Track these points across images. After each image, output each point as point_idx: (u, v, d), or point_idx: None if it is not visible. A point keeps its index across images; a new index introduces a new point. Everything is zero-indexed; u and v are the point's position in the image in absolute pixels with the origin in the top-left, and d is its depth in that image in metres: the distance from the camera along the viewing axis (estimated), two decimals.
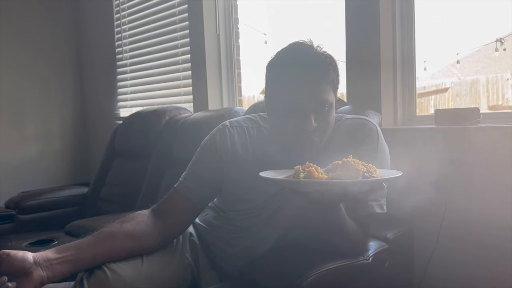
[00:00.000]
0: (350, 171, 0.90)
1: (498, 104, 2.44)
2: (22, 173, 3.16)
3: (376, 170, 0.94)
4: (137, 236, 1.13)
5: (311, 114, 1.09)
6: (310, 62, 1.11)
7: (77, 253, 1.07)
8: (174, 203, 1.21)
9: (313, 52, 1.13)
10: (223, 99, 2.49)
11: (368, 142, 1.16)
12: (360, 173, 0.89)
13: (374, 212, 1.13)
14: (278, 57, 1.16)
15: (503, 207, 1.40)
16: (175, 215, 1.20)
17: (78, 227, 1.85)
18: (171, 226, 1.19)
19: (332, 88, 1.13)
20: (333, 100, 1.14)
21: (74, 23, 3.47)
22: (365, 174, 0.90)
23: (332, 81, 1.13)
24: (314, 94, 1.10)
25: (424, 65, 1.96)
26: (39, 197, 2.43)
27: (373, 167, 0.94)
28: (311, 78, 1.10)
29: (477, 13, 1.82)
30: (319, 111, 1.11)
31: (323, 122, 1.12)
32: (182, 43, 2.64)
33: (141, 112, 2.57)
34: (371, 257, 1.18)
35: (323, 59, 1.12)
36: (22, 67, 3.24)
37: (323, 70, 1.11)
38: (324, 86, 1.11)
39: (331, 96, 1.13)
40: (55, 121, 3.43)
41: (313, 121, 1.09)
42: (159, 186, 2.14)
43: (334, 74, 1.13)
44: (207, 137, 1.30)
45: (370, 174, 0.90)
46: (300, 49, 1.15)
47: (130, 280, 1.07)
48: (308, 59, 1.12)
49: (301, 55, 1.13)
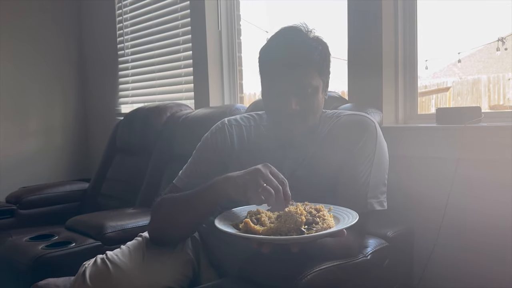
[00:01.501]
0: (289, 223, 0.89)
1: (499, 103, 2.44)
2: (23, 168, 3.17)
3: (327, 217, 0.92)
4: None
5: (292, 97, 1.11)
6: (294, 46, 1.13)
7: None
8: None
9: (299, 36, 1.14)
10: (224, 96, 2.49)
11: (367, 138, 1.16)
12: (301, 224, 0.88)
13: (373, 210, 1.14)
14: (267, 42, 1.19)
15: (503, 206, 1.40)
16: None
17: (79, 222, 1.85)
18: None
19: (318, 72, 1.14)
20: (319, 84, 1.15)
21: (76, 19, 3.47)
22: (304, 227, 0.87)
23: (317, 65, 1.13)
24: (295, 77, 1.11)
25: (425, 64, 1.96)
26: (39, 192, 2.43)
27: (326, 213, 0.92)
28: (293, 62, 1.12)
29: (479, 13, 1.82)
30: (301, 94, 1.12)
31: (306, 105, 1.13)
32: (184, 40, 2.64)
33: (142, 108, 2.57)
34: (370, 255, 1.18)
35: (309, 42, 1.13)
36: (24, 62, 3.23)
37: (306, 53, 1.12)
38: (307, 69, 1.12)
39: (316, 80, 1.13)
40: (56, 117, 3.42)
41: (294, 103, 1.11)
42: (159, 182, 2.14)
43: (319, 58, 1.13)
44: (207, 134, 1.30)
45: (311, 227, 0.88)
46: (287, 33, 1.17)
47: (132, 274, 1.07)
48: (293, 42, 1.13)
49: (287, 39, 1.15)
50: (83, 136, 3.52)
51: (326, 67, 1.18)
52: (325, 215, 0.93)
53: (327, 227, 0.89)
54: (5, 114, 3.15)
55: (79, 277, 1.09)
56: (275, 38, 1.18)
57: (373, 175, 1.14)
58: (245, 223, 0.91)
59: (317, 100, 1.16)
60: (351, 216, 0.96)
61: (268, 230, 0.89)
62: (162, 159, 2.22)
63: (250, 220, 0.91)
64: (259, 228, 0.90)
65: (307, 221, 0.89)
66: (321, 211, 0.94)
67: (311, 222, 0.90)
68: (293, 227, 0.88)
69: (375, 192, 1.15)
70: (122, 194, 2.37)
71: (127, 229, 1.71)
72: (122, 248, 1.18)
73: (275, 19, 2.50)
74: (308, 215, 0.91)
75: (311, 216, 0.91)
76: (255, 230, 0.90)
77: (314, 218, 0.91)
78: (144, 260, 1.12)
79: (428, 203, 1.54)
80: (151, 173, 2.24)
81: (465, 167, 1.46)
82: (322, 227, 0.89)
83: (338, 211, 1.00)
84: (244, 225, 0.91)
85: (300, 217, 0.89)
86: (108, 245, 1.61)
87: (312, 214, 0.92)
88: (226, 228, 0.93)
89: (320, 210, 0.94)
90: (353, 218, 0.94)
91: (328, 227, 0.90)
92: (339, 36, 1.85)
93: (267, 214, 0.95)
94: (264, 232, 0.89)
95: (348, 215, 0.96)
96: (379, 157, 1.16)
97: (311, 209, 0.94)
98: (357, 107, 1.55)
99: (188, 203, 1.09)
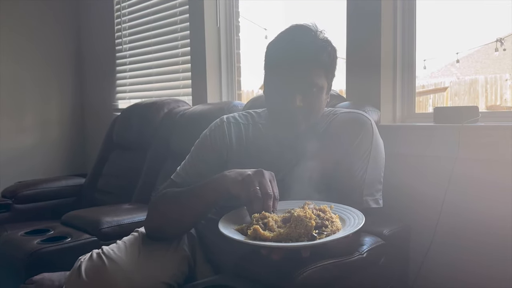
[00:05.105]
0: (299, 228, 0.87)
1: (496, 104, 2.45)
2: (19, 162, 3.16)
3: (334, 219, 0.92)
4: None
5: (297, 94, 1.11)
6: (304, 44, 1.13)
7: None
8: None
9: (309, 35, 1.15)
10: (222, 92, 2.48)
11: (363, 136, 1.16)
12: (312, 229, 0.87)
13: (368, 207, 1.14)
14: (276, 38, 1.19)
15: (499, 205, 1.41)
16: None
17: (75, 217, 1.84)
18: None
19: (325, 73, 1.15)
20: (324, 85, 1.15)
21: (74, 13, 3.45)
22: (314, 232, 0.87)
23: (324, 66, 1.14)
24: (302, 74, 1.12)
25: (424, 64, 1.96)
26: (35, 187, 2.42)
27: (331, 214, 0.92)
28: (302, 59, 1.12)
29: (478, 13, 1.82)
30: (306, 92, 1.13)
31: (309, 104, 1.14)
32: (182, 36, 2.63)
33: (139, 104, 2.56)
34: (366, 253, 1.18)
35: (318, 43, 1.14)
36: (21, 57, 3.22)
37: (315, 53, 1.12)
38: (315, 69, 1.13)
39: (322, 81, 1.14)
40: (53, 112, 3.41)
41: (298, 100, 1.11)
42: (156, 178, 2.14)
43: (328, 60, 1.14)
44: (205, 131, 1.30)
45: (321, 231, 0.87)
46: (297, 30, 1.17)
47: (127, 269, 1.07)
48: (302, 40, 1.14)
49: (297, 37, 1.15)
50: (79, 131, 3.51)
51: (333, 69, 1.18)
52: (332, 217, 0.93)
53: (336, 229, 0.90)
54: (2, 108, 3.13)
55: (74, 272, 1.09)
56: (285, 35, 1.18)
57: (369, 172, 1.14)
58: (254, 230, 0.89)
59: (320, 100, 1.16)
60: (356, 217, 0.96)
61: (278, 236, 0.88)
62: (159, 155, 2.22)
63: (259, 227, 0.89)
64: (268, 234, 0.88)
65: (317, 225, 0.89)
66: (327, 212, 0.94)
67: (321, 225, 0.89)
68: (304, 232, 0.87)
69: (370, 189, 1.15)
70: (119, 189, 2.37)
71: (123, 224, 1.71)
72: (118, 243, 1.18)
73: (273, 17, 2.50)
74: (317, 218, 0.91)
75: (319, 219, 0.91)
76: (265, 237, 0.88)
77: (323, 221, 0.91)
78: (140, 256, 1.12)
79: (425, 202, 1.55)
80: (147, 169, 2.24)
81: (462, 166, 1.46)
82: (332, 230, 0.89)
83: (340, 210, 1.00)
84: (253, 232, 0.89)
85: (310, 221, 0.88)
86: (104, 241, 1.61)
87: (321, 217, 0.92)
88: (234, 235, 0.91)
89: (325, 211, 0.94)
90: (359, 219, 0.94)
91: (337, 229, 0.90)
92: (337, 34, 1.85)
93: (274, 218, 0.93)
94: (274, 239, 0.87)
95: (354, 216, 0.97)
96: (375, 155, 1.16)
97: (318, 212, 0.93)
98: (355, 105, 1.55)
99: (187, 199, 1.09)
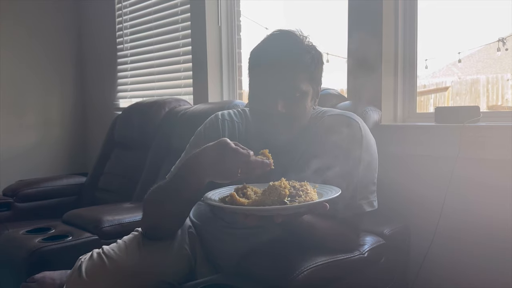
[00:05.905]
0: (273, 195, 0.91)
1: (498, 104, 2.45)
2: (20, 161, 3.16)
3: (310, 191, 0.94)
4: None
5: (279, 99, 1.09)
6: (286, 46, 1.12)
7: None
8: None
9: (293, 38, 1.14)
10: (223, 92, 2.48)
11: (350, 140, 1.13)
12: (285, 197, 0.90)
13: (363, 212, 1.13)
14: (259, 43, 1.18)
15: (500, 205, 1.41)
16: None
17: (76, 216, 1.84)
18: None
19: (309, 78, 1.13)
20: (309, 90, 1.13)
21: (76, 12, 3.45)
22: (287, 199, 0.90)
23: (308, 70, 1.12)
24: (284, 76, 1.10)
25: (425, 63, 1.96)
26: (37, 186, 2.43)
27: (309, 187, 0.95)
28: (284, 60, 1.11)
29: (479, 13, 1.82)
30: (288, 97, 1.10)
31: (292, 109, 1.11)
32: (183, 35, 2.63)
33: (140, 103, 2.56)
34: (367, 252, 1.18)
35: (302, 46, 1.13)
36: (22, 56, 3.22)
37: (298, 55, 1.11)
38: (298, 72, 1.11)
39: (306, 86, 1.12)
40: (55, 110, 3.42)
41: (280, 106, 1.09)
42: (157, 177, 2.14)
43: (311, 63, 1.13)
44: (200, 128, 1.30)
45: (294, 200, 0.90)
46: (281, 35, 1.16)
47: (128, 267, 1.08)
48: (285, 43, 1.13)
49: (280, 40, 1.14)
50: (81, 130, 3.51)
51: (318, 74, 1.16)
52: (308, 189, 0.95)
53: (309, 200, 0.91)
54: (3, 107, 3.14)
55: (75, 271, 1.09)
56: (268, 40, 1.17)
57: (362, 175, 1.13)
58: (231, 196, 0.94)
59: (304, 106, 1.13)
60: (334, 191, 0.97)
61: (253, 203, 0.92)
62: (160, 154, 2.22)
63: (236, 194, 0.94)
64: (244, 200, 0.93)
65: (290, 194, 0.92)
66: (304, 185, 0.96)
67: (294, 195, 0.92)
68: (277, 199, 0.91)
69: (364, 192, 1.14)
70: (120, 188, 2.37)
71: (124, 223, 1.71)
72: (118, 242, 1.18)
73: (275, 16, 2.50)
74: (292, 188, 0.93)
75: (294, 189, 0.93)
76: (240, 202, 0.93)
77: (297, 191, 0.93)
78: (141, 255, 1.12)
79: (425, 202, 1.55)
80: (148, 168, 2.24)
81: (463, 166, 1.46)
82: (305, 199, 0.91)
83: (323, 189, 1.01)
84: (230, 198, 0.94)
85: (284, 190, 0.91)
86: (105, 239, 1.61)
87: (296, 188, 0.94)
88: (213, 202, 0.96)
89: (303, 185, 0.96)
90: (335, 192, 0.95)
91: (311, 200, 0.92)
92: (339, 33, 1.85)
93: (253, 189, 0.98)
94: (249, 204, 0.92)
95: (332, 191, 0.98)
96: (366, 157, 1.14)
97: (295, 183, 0.96)
98: (356, 104, 1.55)
99: (171, 188, 1.08)
